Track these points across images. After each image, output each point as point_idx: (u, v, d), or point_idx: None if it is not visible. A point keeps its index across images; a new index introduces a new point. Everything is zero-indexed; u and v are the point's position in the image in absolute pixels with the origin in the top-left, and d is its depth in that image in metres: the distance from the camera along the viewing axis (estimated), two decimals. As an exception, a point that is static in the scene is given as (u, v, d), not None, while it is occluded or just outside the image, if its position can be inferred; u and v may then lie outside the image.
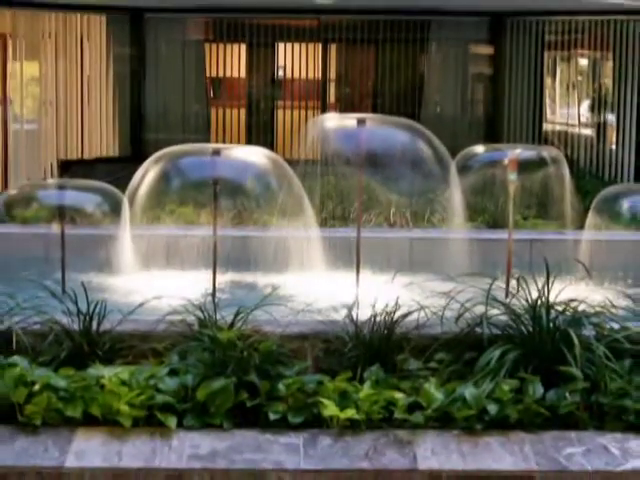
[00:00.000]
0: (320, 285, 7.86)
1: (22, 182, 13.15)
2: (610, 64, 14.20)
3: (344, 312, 5.76)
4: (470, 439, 4.81)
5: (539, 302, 5.54)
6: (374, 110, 14.12)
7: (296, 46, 15.52)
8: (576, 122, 15.06)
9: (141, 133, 14.83)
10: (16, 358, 5.20)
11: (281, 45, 15.52)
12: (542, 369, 5.17)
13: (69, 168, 13.86)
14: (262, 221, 9.23)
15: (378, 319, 5.58)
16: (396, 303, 5.68)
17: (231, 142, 14.21)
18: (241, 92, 15.66)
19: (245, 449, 4.71)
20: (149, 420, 4.86)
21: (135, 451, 4.69)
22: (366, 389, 5.00)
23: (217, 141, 14.35)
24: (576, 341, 5.22)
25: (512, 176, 8.39)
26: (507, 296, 6.12)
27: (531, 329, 5.41)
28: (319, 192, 9.20)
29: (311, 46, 15.37)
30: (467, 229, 9.20)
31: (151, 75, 15.01)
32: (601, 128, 14.50)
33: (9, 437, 4.76)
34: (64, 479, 4.57)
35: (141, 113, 14.92)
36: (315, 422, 4.88)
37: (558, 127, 15.25)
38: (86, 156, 14.46)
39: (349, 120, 8.39)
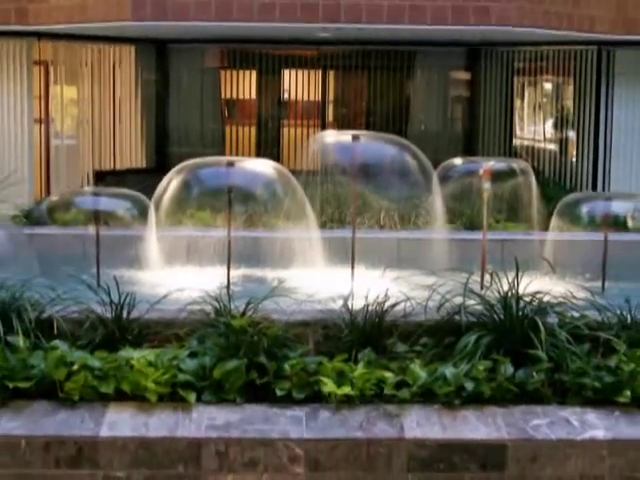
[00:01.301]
0: (320, 279, 7.84)
1: (62, 190, 13.15)
2: (570, 88, 14.19)
3: (341, 302, 5.75)
4: (450, 412, 4.81)
5: (509, 294, 5.54)
6: (367, 127, 14.10)
7: (299, 72, 15.52)
8: (541, 138, 15.05)
9: (165, 147, 14.81)
10: (57, 342, 5.20)
11: (286, 72, 15.51)
12: (512, 352, 5.17)
13: (103, 178, 13.86)
14: (270, 223, 9.22)
15: (370, 308, 5.57)
16: (386, 294, 5.68)
17: (243, 155, 14.19)
18: (252, 112, 15.65)
19: (255, 421, 4.70)
20: (172, 396, 4.86)
21: (160, 423, 4.68)
22: (360, 369, 4.99)
23: (231, 154, 14.34)
24: (541, 327, 5.23)
25: (486, 185, 8.40)
26: (482, 288, 6.11)
27: (502, 317, 5.40)
28: (319, 198, 9.19)
29: (312, 72, 15.37)
30: (447, 230, 9.19)
31: (174, 97, 15.00)
32: (563, 143, 14.50)
33: (51, 411, 4.75)
34: (98, 447, 4.56)
35: (165, 130, 14.91)
36: (316, 398, 4.88)
37: (526, 142, 15.24)
38: (118, 167, 14.45)
39: (345, 136, 8.38)
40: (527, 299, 5.51)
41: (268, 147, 14.97)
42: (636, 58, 13.24)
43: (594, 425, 4.71)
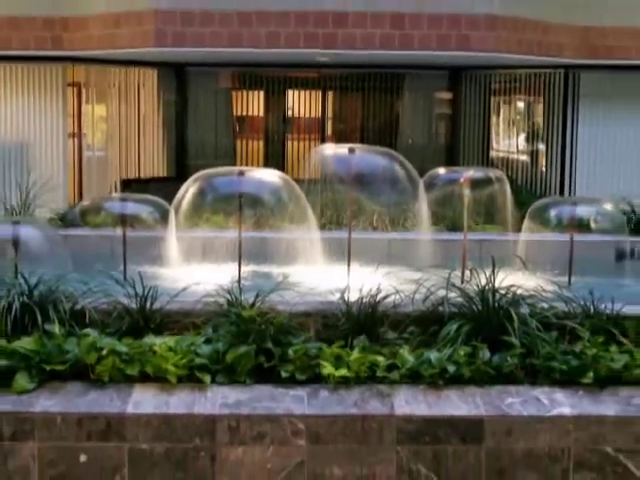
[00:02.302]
0: (320, 275, 7.84)
1: (93, 196, 13.15)
2: (540, 106, 14.20)
3: (338, 295, 5.74)
4: (434, 392, 4.81)
5: (487, 287, 5.54)
6: (361, 141, 14.08)
7: (301, 93, 15.51)
8: (515, 150, 15.06)
9: (183, 158, 14.81)
10: (88, 330, 5.21)
11: (290, 92, 15.51)
12: (489, 338, 5.17)
13: (129, 185, 13.86)
14: (276, 225, 9.21)
15: (364, 300, 5.57)
16: (378, 288, 5.68)
17: (252, 165, 14.19)
18: (259, 128, 15.65)
19: (263, 399, 4.70)
20: (189, 377, 4.86)
21: (179, 401, 4.69)
22: (355, 354, 4.99)
23: (241, 165, 14.33)
24: (515, 317, 5.23)
25: (466, 191, 8.41)
26: (462, 283, 6.10)
27: (480, 308, 5.40)
28: (319, 203, 9.19)
29: (313, 93, 15.36)
30: (432, 232, 9.19)
31: (191, 114, 14.99)
32: (534, 155, 14.50)
33: (83, 391, 4.76)
34: (125, 423, 4.56)
35: (183, 143, 14.90)
36: (316, 379, 4.88)
37: (501, 154, 15.24)
38: (142, 176, 14.44)
39: (342, 149, 8.38)
40: (502, 292, 5.51)
41: (274, 158, 14.96)
42: (598, 80, 13.25)
43: (561, 403, 4.72)
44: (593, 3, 12.43)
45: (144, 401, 4.67)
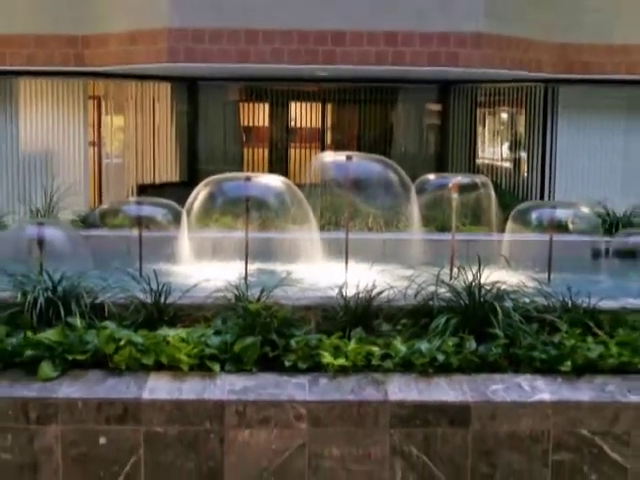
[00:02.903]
0: (319, 272, 7.84)
1: (111, 199, 13.19)
2: (522, 117, 14.21)
3: (336, 290, 5.74)
4: (425, 379, 4.81)
5: (473, 283, 5.54)
6: (358, 149, 14.08)
7: (303, 105, 15.52)
8: (499, 158, 15.07)
9: (195, 165, 14.81)
10: (107, 322, 5.22)
11: (292, 104, 15.51)
12: (475, 330, 5.17)
13: (144, 190, 13.86)
14: (279, 226, 9.22)
15: (361, 295, 5.57)
16: (373, 284, 5.68)
17: (258, 171, 14.19)
18: (264, 137, 15.65)
19: (267, 386, 4.71)
20: (200, 366, 4.87)
21: (191, 387, 4.69)
22: (352, 344, 5.00)
23: (248, 171, 14.34)
24: (499, 310, 5.24)
25: (454, 195, 8.42)
26: (451, 279, 6.11)
27: (467, 302, 5.41)
28: (319, 206, 9.19)
29: (313, 105, 15.37)
30: (422, 232, 9.19)
31: (202, 125, 14.99)
32: (516, 162, 14.51)
33: (102, 378, 4.76)
34: (141, 407, 4.57)
35: (195, 151, 14.90)
36: (316, 367, 4.88)
37: (486, 161, 15.25)
38: (156, 181, 14.45)
39: (340, 156, 8.39)
40: (487, 288, 5.51)
41: (278, 165, 14.96)
42: (575, 93, 13.26)
43: (541, 389, 4.72)
44: (570, 22, 12.44)
45: (158, 388, 4.67)
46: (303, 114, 15.51)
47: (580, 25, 12.49)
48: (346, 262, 7.92)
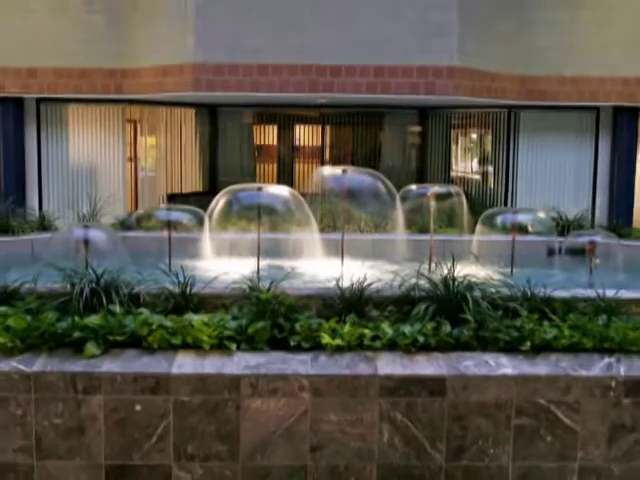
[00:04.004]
0: (320, 267, 7.85)
1: (145, 206, 13.19)
2: (489, 137, 14.19)
3: (334, 282, 5.74)
4: (408, 357, 4.81)
5: (448, 276, 5.54)
6: (352, 164, 14.06)
7: (306, 127, 15.51)
8: (470, 171, 15.05)
9: (215, 177, 14.79)
10: (142, 309, 5.22)
11: (297, 126, 15.49)
12: (450, 316, 5.18)
13: (173, 198, 13.85)
14: (286, 229, 9.22)
15: (354, 286, 5.57)
16: (364, 277, 5.68)
17: (268, 182, 14.19)
18: (273, 154, 15.63)
19: (276, 362, 4.71)
20: (220, 346, 4.87)
21: (212, 363, 4.69)
22: (347, 327, 5.00)
23: (259, 182, 14.33)
24: (470, 299, 5.24)
25: (432, 203, 8.44)
26: (429, 272, 6.11)
27: (443, 292, 5.41)
28: (319, 211, 9.19)
29: (315, 127, 15.35)
30: (406, 234, 9.20)
31: (221, 143, 14.98)
32: (484, 175, 14.49)
33: (137, 356, 4.76)
34: (170, 380, 4.57)
35: (215, 165, 14.89)
36: (317, 347, 4.88)
37: (459, 174, 15.23)
38: (183, 191, 14.43)
39: (337, 170, 8.41)
40: (460, 280, 5.51)
41: (285, 177, 14.95)
42: (533, 117, 13.26)
43: (505, 365, 4.72)
44: (529, 58, 12.45)
45: (185, 364, 4.67)
46: (306, 134, 15.50)
47: (537, 60, 12.51)
48: (342, 259, 7.93)
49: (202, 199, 10.05)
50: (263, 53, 11.19)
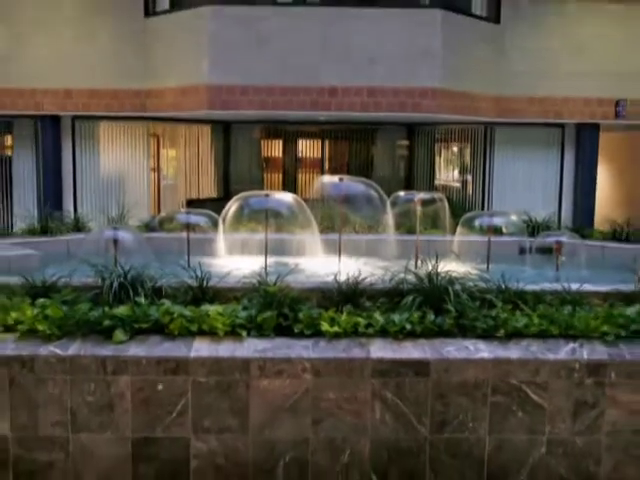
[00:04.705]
0: (320, 264, 7.84)
1: (167, 210, 13.18)
2: (468, 150, 14.19)
3: (332, 277, 5.74)
4: (397, 342, 4.80)
5: (432, 272, 5.53)
6: (348, 173, 14.05)
7: (308, 141, 15.48)
8: (451, 180, 15.04)
9: (228, 185, 14.77)
10: (164, 300, 5.20)
11: (300, 140, 15.48)
12: (434, 306, 5.16)
13: (191, 203, 13.84)
14: (290, 230, 9.22)
15: (350, 280, 5.55)
16: (359, 272, 5.67)
17: (274, 190, 14.18)
18: (279, 164, 15.61)
19: (282, 347, 4.70)
20: (232, 332, 4.86)
21: (225, 348, 4.68)
22: (344, 317, 4.99)
23: (267, 189, 14.32)
24: (451, 292, 5.22)
25: (418, 207, 8.41)
26: (416, 268, 6.10)
27: (428, 285, 5.39)
28: (319, 215, 9.18)
29: (315, 141, 15.33)
30: (395, 234, 9.19)
31: (233, 155, 14.95)
32: (464, 183, 14.48)
33: (160, 341, 4.75)
34: (189, 363, 4.56)
35: (228, 175, 14.87)
36: (317, 333, 4.87)
37: (442, 182, 15.21)
38: (200, 197, 14.41)
39: (335, 178, 8.40)
40: (442, 275, 5.50)
41: (289, 185, 14.94)
42: (506, 132, 13.26)
43: (482, 350, 4.72)
44: (503, 81, 12.45)
45: (201, 348, 4.67)
46: (307, 148, 15.49)
47: (511, 83, 12.53)
48: (339, 256, 7.92)
49: (216, 204, 10.04)
50: (270, 76, 11.20)
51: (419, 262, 6.29)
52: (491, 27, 12.41)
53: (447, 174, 15.21)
